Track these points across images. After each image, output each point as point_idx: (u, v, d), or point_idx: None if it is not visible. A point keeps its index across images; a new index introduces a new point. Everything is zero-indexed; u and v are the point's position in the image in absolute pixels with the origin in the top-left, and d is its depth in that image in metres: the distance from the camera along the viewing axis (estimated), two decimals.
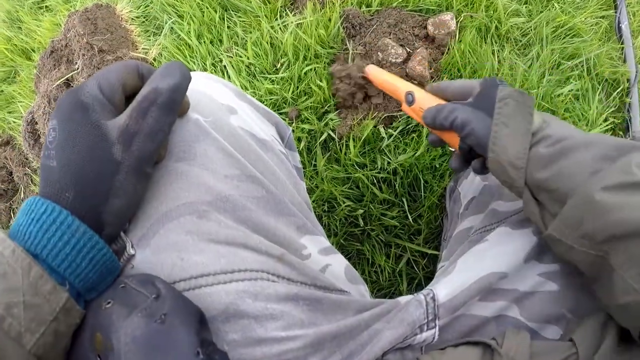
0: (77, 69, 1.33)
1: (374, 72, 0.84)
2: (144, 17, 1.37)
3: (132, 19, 1.38)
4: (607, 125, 1.14)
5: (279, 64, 1.11)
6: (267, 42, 1.13)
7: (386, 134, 1.05)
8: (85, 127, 0.43)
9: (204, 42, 1.19)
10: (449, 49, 1.09)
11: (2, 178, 1.58)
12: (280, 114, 1.09)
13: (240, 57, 1.13)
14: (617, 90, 1.19)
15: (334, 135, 1.05)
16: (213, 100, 0.56)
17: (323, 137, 1.05)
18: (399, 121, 1.06)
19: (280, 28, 1.14)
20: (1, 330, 0.36)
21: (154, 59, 1.29)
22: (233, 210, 0.51)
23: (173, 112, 0.46)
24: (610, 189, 0.43)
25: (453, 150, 0.65)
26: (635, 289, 0.40)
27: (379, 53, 1.07)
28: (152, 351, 0.39)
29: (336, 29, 1.11)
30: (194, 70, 0.68)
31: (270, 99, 1.09)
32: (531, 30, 1.19)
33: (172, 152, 0.50)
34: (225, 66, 1.14)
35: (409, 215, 1.06)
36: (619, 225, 0.42)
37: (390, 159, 1.04)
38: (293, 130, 1.04)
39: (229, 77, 1.13)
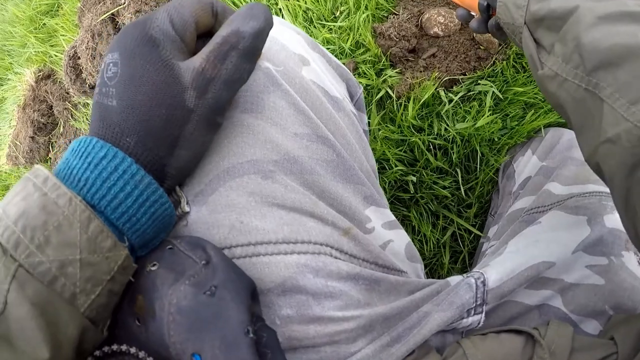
0: (124, 3, 1.28)
1: None
2: None
3: None
4: None
5: (338, 12, 1.03)
6: None
7: (446, 97, 0.97)
8: (154, 66, 0.38)
9: None
10: None
11: (42, 112, 1.57)
12: None
13: (298, 1, 1.06)
14: None
15: (391, 93, 0.98)
16: (285, 48, 0.50)
17: (380, 94, 0.98)
18: (460, 86, 0.98)
19: None
20: (54, 291, 0.32)
21: None
22: (301, 172, 0.46)
23: (254, 59, 0.41)
24: (604, 18, 0.43)
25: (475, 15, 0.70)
26: (625, 117, 0.39)
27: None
28: (198, 325, 0.35)
29: None
30: None
31: (328, 49, 1.01)
32: None
33: (237, 102, 0.45)
34: (280, 9, 1.07)
35: (461, 187, 1.00)
36: (610, 51, 0.41)
37: (448, 126, 0.97)
38: None
39: None
